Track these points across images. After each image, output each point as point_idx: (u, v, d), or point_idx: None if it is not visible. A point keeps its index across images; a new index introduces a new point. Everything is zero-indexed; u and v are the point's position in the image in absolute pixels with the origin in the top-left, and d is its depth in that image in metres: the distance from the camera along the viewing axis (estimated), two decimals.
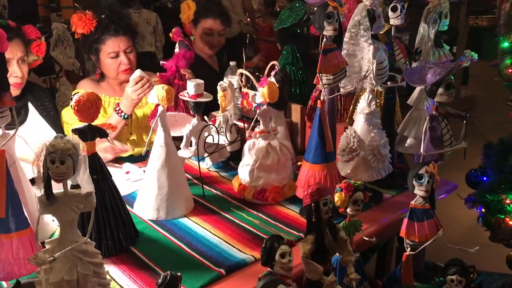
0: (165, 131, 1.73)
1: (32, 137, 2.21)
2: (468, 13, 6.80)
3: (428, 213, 1.54)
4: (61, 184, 1.05)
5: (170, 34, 2.35)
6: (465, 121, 1.68)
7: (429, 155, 1.64)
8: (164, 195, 1.74)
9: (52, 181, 1.02)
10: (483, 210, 2.07)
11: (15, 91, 2.05)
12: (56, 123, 2.30)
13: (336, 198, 1.43)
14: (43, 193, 1.01)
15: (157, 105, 1.76)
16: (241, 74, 2.28)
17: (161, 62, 2.35)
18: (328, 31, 1.60)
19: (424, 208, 1.53)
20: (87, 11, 2.33)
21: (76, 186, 1.09)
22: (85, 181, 1.03)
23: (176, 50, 2.35)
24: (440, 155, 1.68)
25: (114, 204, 1.59)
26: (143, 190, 1.78)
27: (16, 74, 2.02)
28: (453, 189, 2.07)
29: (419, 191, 1.50)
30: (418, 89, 2.01)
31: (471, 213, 2.41)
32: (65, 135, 1.01)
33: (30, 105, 2.22)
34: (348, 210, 1.45)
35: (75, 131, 1.45)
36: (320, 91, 2.27)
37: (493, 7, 9.04)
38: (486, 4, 9.38)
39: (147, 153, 1.79)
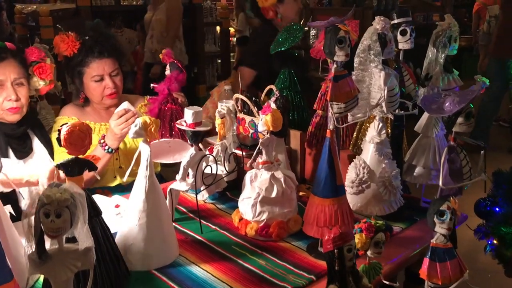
0: (150, 178, 1.54)
1: (35, 169, 2.05)
2: None
3: (451, 253, 1.43)
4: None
5: (160, 56, 2.22)
6: (482, 151, 1.59)
7: (447, 188, 1.54)
8: (140, 248, 1.55)
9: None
10: (494, 242, 1.97)
11: (12, 117, 1.88)
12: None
13: (356, 240, 1.30)
14: (34, 250, 0.86)
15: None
16: (237, 99, 2.16)
17: (151, 85, 2.21)
18: (340, 56, 1.49)
19: (446, 247, 1.42)
20: (69, 32, 2.18)
21: (71, 239, 0.94)
22: (83, 235, 0.88)
23: (167, 72, 2.21)
24: (459, 188, 1.58)
25: (107, 242, 1.44)
26: (119, 237, 1.59)
27: (10, 98, 1.84)
28: (464, 220, 1.97)
29: (440, 229, 1.40)
30: (426, 115, 1.93)
31: (466, 237, 2.31)
32: (61, 183, 0.86)
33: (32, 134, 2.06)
34: (369, 252, 1.33)
35: (59, 166, 1.30)
36: (321, 116, 2.18)
37: (470, 27, 9.27)
38: (463, 25, 9.61)
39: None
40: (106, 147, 2.05)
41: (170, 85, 2.16)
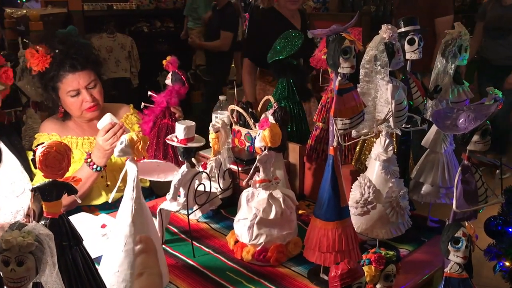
0: (137, 200, 1.39)
1: (6, 180, 1.92)
2: None
3: (467, 284, 1.32)
4: None
5: (164, 62, 2.04)
6: (498, 171, 1.47)
7: (461, 212, 1.41)
8: (126, 276, 1.39)
9: None
10: (507, 264, 1.85)
11: None
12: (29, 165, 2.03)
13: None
14: None
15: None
16: (232, 110, 2.04)
17: (149, 93, 2.06)
18: (344, 68, 1.37)
19: (461, 278, 1.31)
20: (38, 46, 2.01)
21: (38, 284, 0.81)
22: (52, 282, 0.75)
23: (167, 81, 2.04)
24: (474, 212, 1.46)
25: (89, 272, 1.30)
26: (104, 264, 1.45)
27: None
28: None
29: (455, 257, 1.28)
30: (434, 129, 1.81)
31: None
32: (25, 224, 0.73)
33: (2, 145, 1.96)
34: (378, 286, 1.20)
35: (35, 190, 1.16)
36: (321, 129, 2.06)
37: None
38: None
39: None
40: (94, 166, 1.92)
41: (170, 98, 1.99)
